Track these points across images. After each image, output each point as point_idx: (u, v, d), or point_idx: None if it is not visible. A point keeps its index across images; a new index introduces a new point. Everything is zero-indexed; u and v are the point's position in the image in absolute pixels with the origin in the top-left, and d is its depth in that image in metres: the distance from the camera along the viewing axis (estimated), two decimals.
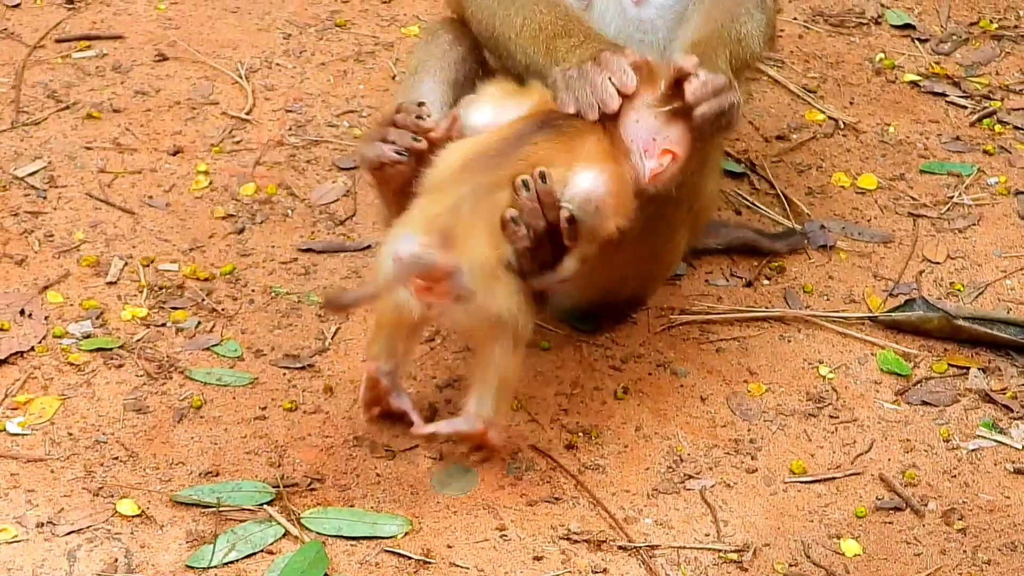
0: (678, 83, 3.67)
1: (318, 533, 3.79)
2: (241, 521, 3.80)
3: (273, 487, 3.88)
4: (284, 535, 3.78)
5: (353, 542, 3.78)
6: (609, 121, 3.72)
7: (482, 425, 3.82)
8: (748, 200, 4.75)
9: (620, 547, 3.80)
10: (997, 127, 5.06)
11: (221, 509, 3.82)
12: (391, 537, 3.79)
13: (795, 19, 5.41)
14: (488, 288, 3.66)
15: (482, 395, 3.81)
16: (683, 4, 4.09)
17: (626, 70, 3.71)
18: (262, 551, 3.74)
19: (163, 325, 4.28)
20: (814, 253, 4.63)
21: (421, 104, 3.91)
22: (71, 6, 5.23)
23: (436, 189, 3.71)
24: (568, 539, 3.80)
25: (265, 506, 3.84)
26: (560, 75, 3.78)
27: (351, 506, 3.86)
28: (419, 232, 3.63)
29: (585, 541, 3.80)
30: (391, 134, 3.86)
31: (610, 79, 3.71)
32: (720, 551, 3.80)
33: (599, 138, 3.74)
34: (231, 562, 3.71)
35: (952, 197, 4.81)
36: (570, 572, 3.72)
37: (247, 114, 4.89)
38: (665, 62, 3.81)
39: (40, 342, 4.21)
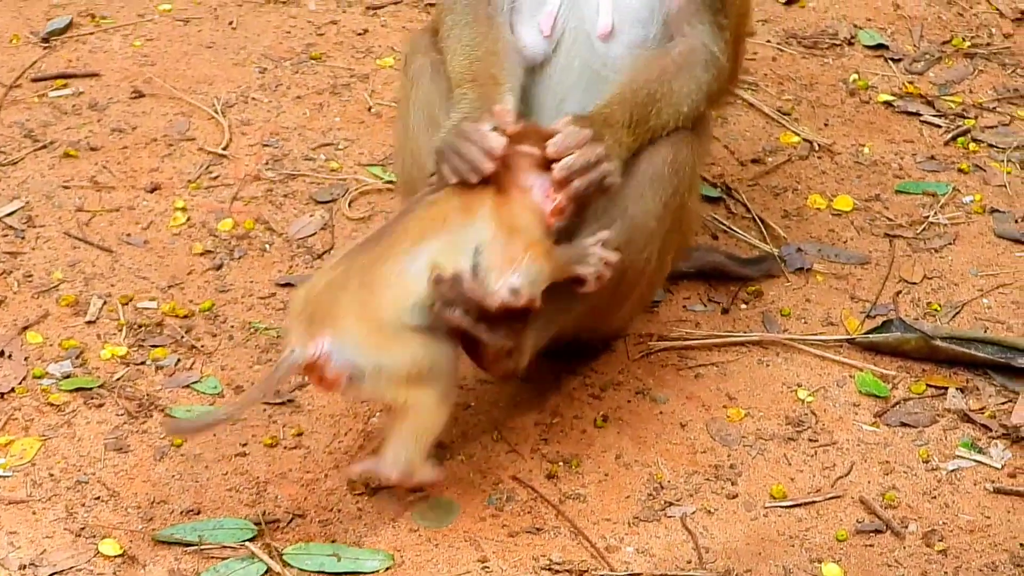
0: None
1: (300, 570, 3.79)
2: (223, 559, 3.80)
3: (255, 524, 3.88)
4: (267, 572, 3.78)
5: None
6: (502, 172, 3.80)
7: (397, 476, 3.81)
8: (724, 224, 4.76)
9: None
10: (972, 145, 5.07)
11: (203, 547, 3.82)
12: (373, 572, 3.79)
13: (768, 41, 5.42)
14: (379, 356, 3.69)
15: (397, 449, 3.81)
16: (644, 43, 4.09)
17: (488, 137, 3.77)
18: None
19: (143, 363, 4.28)
20: (791, 276, 4.63)
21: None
22: (46, 45, 5.23)
23: (319, 275, 3.79)
24: (550, 569, 3.80)
25: (247, 543, 3.84)
26: (437, 146, 3.85)
27: (333, 541, 3.85)
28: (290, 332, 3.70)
29: (567, 571, 3.80)
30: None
31: (475, 148, 3.77)
32: None
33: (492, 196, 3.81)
34: None
35: (928, 217, 4.82)
36: None
37: (224, 149, 4.89)
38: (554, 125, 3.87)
39: (20, 383, 4.21)
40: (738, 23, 4.23)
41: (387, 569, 3.79)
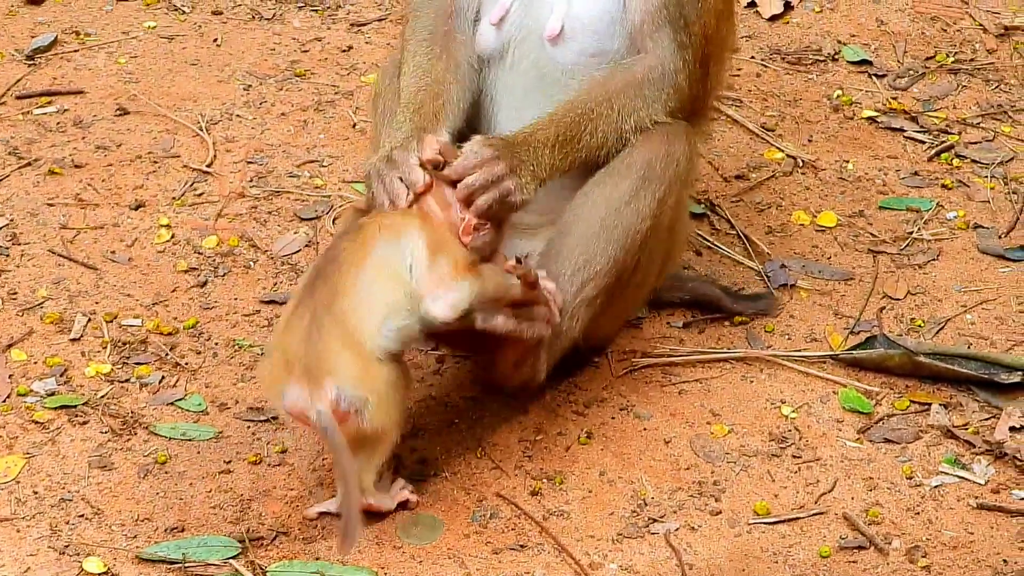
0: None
1: None
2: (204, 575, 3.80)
3: (239, 541, 3.88)
4: None
5: None
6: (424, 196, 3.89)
7: (362, 507, 3.82)
8: (708, 240, 4.76)
9: None
10: (955, 161, 5.08)
11: (187, 565, 3.82)
12: None
13: (752, 58, 5.43)
14: (374, 384, 3.75)
15: (357, 480, 3.79)
16: (602, 55, 4.09)
17: (413, 170, 3.87)
18: None
19: (127, 381, 4.28)
20: (776, 291, 4.63)
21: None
22: (31, 62, 5.23)
23: (285, 327, 3.79)
24: None
25: (231, 560, 3.84)
26: (369, 170, 3.94)
27: (317, 559, 3.86)
28: (290, 383, 3.72)
29: None
30: None
31: (399, 178, 3.87)
32: None
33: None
34: None
35: (912, 233, 4.82)
36: None
37: (208, 166, 4.90)
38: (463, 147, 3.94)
39: (4, 401, 4.21)
40: (707, 42, 4.20)
41: None
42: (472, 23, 4.11)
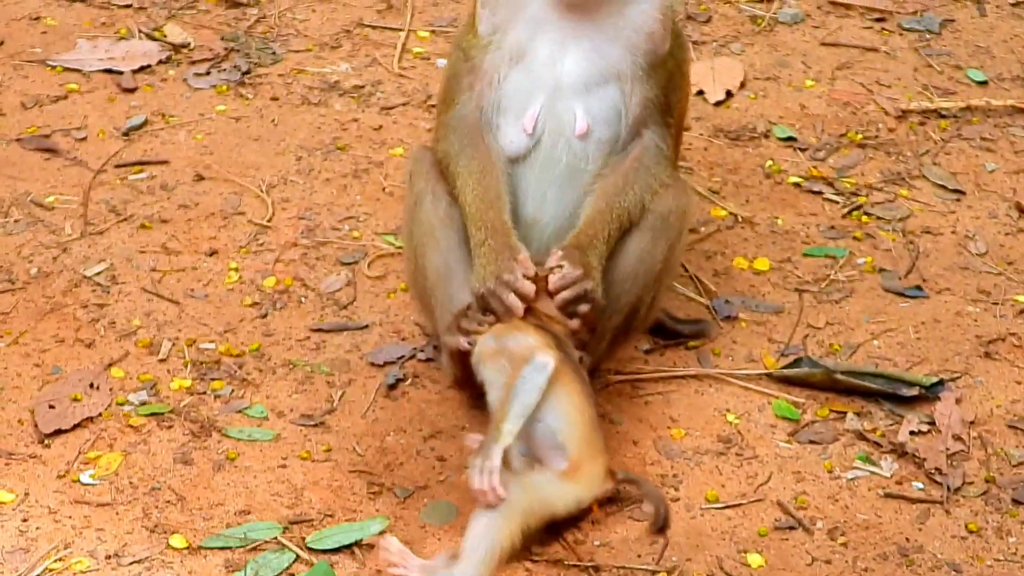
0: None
1: (320, 551, 3.78)
2: (263, 551, 3.79)
3: (292, 523, 3.87)
4: (296, 559, 3.77)
5: (356, 554, 3.77)
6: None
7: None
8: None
9: (572, 565, 3.79)
10: (864, 218, 5.08)
11: (250, 541, 3.80)
12: (377, 533, 3.81)
13: (701, 135, 5.43)
14: None
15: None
16: (613, 142, 4.10)
17: (523, 285, 3.90)
18: (280, 574, 3.73)
19: (204, 393, 4.27)
20: (721, 323, 4.63)
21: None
22: (127, 138, 5.23)
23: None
24: (531, 560, 3.79)
25: (281, 537, 3.82)
26: (481, 292, 3.93)
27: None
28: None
29: (544, 561, 3.79)
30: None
31: (514, 295, 3.90)
32: (653, 571, 3.80)
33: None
34: None
35: (829, 275, 4.82)
36: None
37: (268, 221, 4.89)
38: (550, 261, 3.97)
39: (106, 409, 4.19)
40: (679, 122, 4.25)
41: (387, 529, 3.83)
42: (497, 130, 4.08)
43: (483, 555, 3.63)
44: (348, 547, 3.80)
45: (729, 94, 5.60)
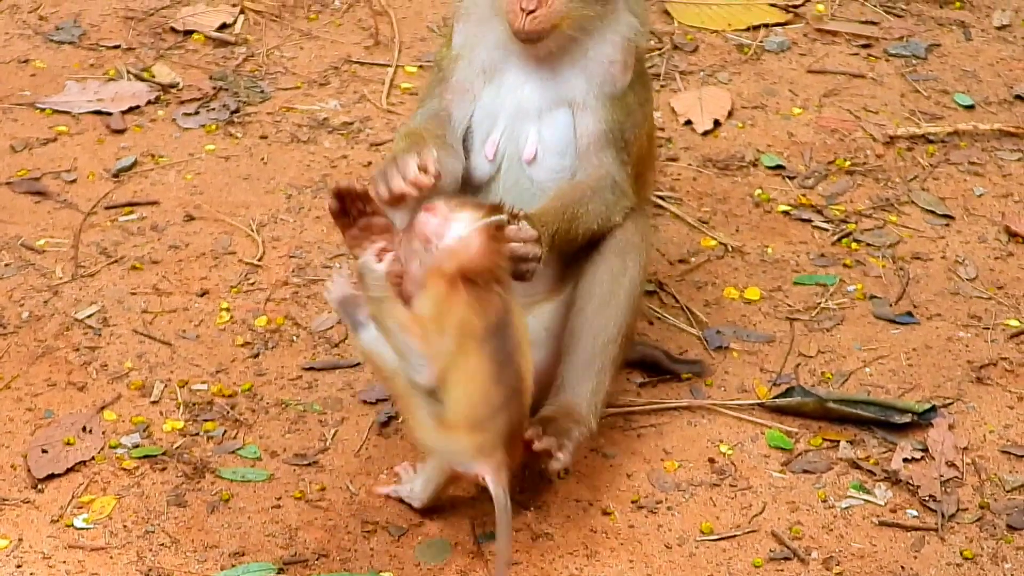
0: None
1: None
2: None
3: (287, 564, 3.87)
4: None
5: None
6: None
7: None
8: (658, 312, 4.76)
9: None
10: (853, 245, 5.08)
11: None
12: None
13: (690, 165, 5.44)
14: None
15: None
16: (564, 171, 4.10)
17: (412, 169, 3.70)
18: None
19: (197, 434, 4.27)
20: (713, 353, 4.63)
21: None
22: (116, 179, 5.23)
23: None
24: None
25: None
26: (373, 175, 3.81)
27: (347, 571, 3.85)
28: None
29: None
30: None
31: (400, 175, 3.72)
32: None
33: None
34: None
35: (820, 303, 4.82)
36: None
37: (259, 261, 4.89)
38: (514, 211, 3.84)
39: (99, 452, 4.19)
40: (639, 160, 4.21)
41: None
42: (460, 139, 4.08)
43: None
44: None
45: (717, 123, 5.62)
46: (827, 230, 5.14)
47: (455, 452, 3.72)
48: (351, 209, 3.78)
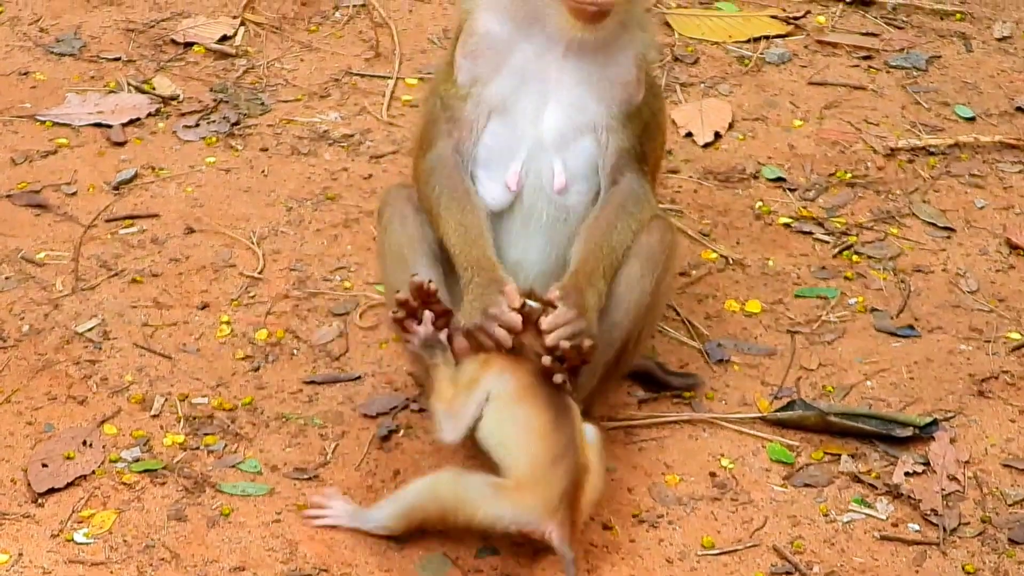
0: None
1: None
2: None
3: None
4: None
5: None
6: None
7: None
8: (660, 326, 4.75)
9: None
10: (854, 257, 5.08)
11: None
12: None
13: (690, 177, 5.44)
14: None
15: None
16: (591, 192, 4.12)
17: (511, 318, 3.87)
18: None
19: (197, 448, 4.27)
20: (714, 366, 4.63)
21: (430, 282, 3.94)
22: (117, 192, 5.23)
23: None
24: None
25: None
26: (469, 327, 3.91)
27: None
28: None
29: None
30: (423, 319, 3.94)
31: (501, 327, 3.87)
32: None
33: None
34: None
35: (821, 316, 4.82)
36: None
37: (259, 273, 4.89)
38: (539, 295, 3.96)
39: (99, 466, 4.19)
40: (655, 168, 4.30)
41: None
42: (476, 180, 4.10)
43: (401, 506, 3.86)
44: None
45: (718, 135, 5.62)
46: (828, 242, 5.13)
47: (522, 513, 3.76)
48: (416, 309, 3.91)
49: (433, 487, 3.84)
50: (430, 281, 3.92)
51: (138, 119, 5.56)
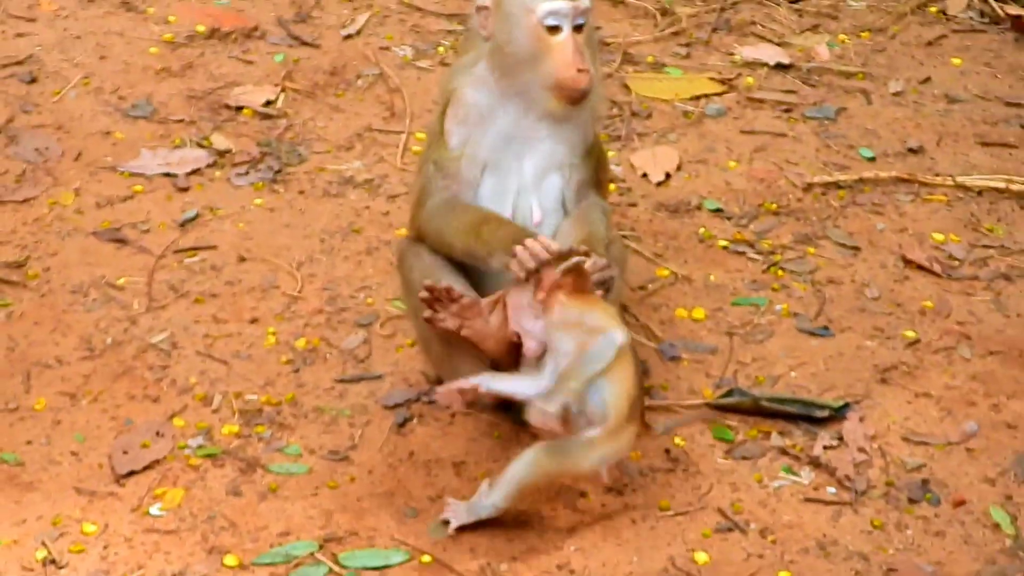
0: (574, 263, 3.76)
1: (350, 568, 3.73)
2: (302, 565, 3.76)
3: (325, 541, 3.83)
4: (329, 571, 3.75)
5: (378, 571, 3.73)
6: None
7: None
8: None
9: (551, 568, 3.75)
10: (779, 272, 5.06)
11: (291, 558, 3.77)
12: (400, 563, 3.77)
13: (645, 209, 5.42)
14: None
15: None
16: (560, 219, 4.10)
17: (542, 244, 3.76)
18: None
19: (249, 436, 4.23)
20: (667, 362, 4.60)
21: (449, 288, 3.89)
22: (182, 228, 5.20)
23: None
24: (510, 560, 3.75)
25: (317, 554, 3.78)
26: (503, 261, 3.77)
27: (372, 547, 3.80)
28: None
29: (519, 561, 3.74)
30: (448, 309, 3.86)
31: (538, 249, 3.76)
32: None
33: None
34: None
35: (754, 320, 4.80)
36: None
37: (299, 293, 4.85)
38: (567, 248, 3.82)
39: (170, 453, 4.16)
40: (606, 192, 4.30)
41: (408, 560, 3.77)
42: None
43: (514, 487, 3.68)
44: (373, 568, 3.75)
45: (668, 175, 5.60)
46: (758, 260, 5.11)
47: (619, 451, 3.70)
48: (442, 303, 3.83)
49: (536, 462, 3.68)
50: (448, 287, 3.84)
51: (199, 169, 5.52)
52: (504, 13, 3.95)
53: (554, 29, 3.88)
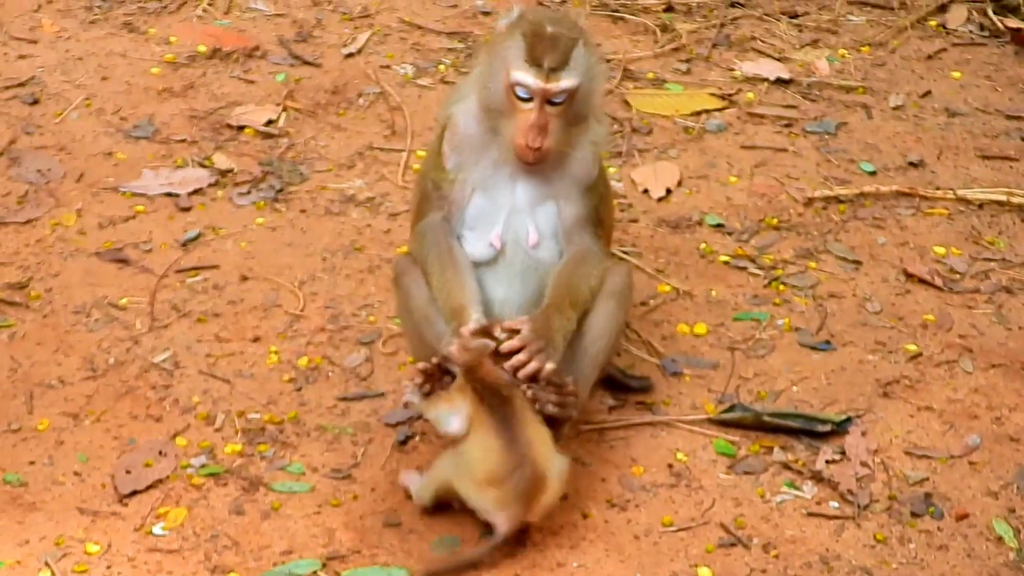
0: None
1: None
2: None
3: (328, 559, 3.84)
4: None
5: None
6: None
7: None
8: (624, 346, 4.73)
9: None
10: (781, 287, 5.07)
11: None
12: None
13: (647, 225, 5.43)
14: None
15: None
16: (558, 249, 4.13)
17: (466, 337, 3.83)
18: None
19: (252, 455, 4.25)
20: (669, 377, 4.61)
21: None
22: (184, 248, 5.22)
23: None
24: None
25: (318, 572, 3.79)
26: (449, 348, 3.88)
27: (375, 564, 3.82)
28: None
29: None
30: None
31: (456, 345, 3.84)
32: None
33: None
34: None
35: (755, 335, 4.81)
36: None
37: (301, 312, 4.87)
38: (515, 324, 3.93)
39: (173, 472, 4.17)
40: (608, 230, 4.30)
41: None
42: (463, 239, 4.11)
43: (426, 481, 3.89)
44: None
45: (669, 191, 5.61)
46: (759, 275, 5.12)
47: (484, 502, 3.78)
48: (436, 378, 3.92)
49: (439, 465, 3.88)
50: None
51: (201, 189, 5.54)
52: (493, 57, 4.04)
53: (524, 99, 3.95)
